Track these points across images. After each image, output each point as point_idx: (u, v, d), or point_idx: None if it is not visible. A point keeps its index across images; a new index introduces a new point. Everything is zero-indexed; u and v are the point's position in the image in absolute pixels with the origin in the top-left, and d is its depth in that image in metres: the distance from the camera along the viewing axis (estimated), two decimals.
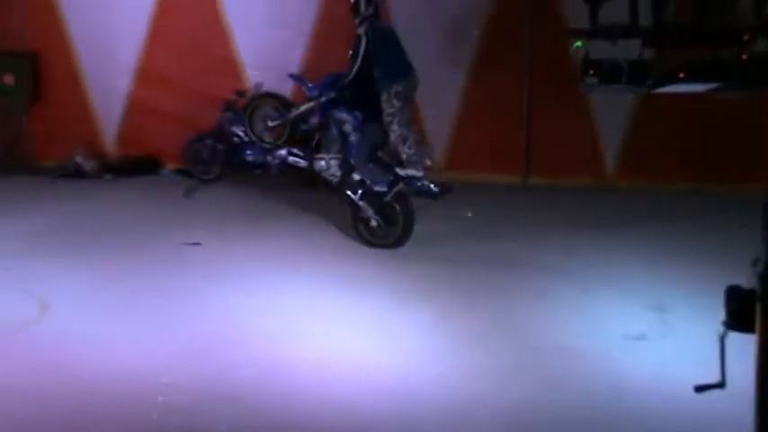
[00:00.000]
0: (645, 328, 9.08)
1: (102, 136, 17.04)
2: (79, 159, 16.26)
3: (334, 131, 12.41)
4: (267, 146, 13.25)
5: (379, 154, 12.09)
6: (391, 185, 11.71)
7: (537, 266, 11.10)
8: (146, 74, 16.86)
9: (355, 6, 12.11)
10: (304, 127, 13.06)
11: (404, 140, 11.83)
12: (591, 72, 6.07)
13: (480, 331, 8.99)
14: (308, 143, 12.89)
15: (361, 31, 12.03)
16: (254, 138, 13.40)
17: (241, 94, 15.56)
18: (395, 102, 11.79)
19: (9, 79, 16.62)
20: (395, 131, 11.87)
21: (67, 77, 16.95)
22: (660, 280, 10.44)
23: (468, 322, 9.25)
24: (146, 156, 16.65)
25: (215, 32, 16.53)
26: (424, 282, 10.46)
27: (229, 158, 15.33)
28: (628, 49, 6.17)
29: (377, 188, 11.79)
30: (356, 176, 12.03)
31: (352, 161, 12.20)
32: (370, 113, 12.13)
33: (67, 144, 16.56)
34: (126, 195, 15.02)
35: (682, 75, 5.79)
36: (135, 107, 16.93)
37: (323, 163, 12.47)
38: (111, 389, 7.53)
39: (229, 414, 7.08)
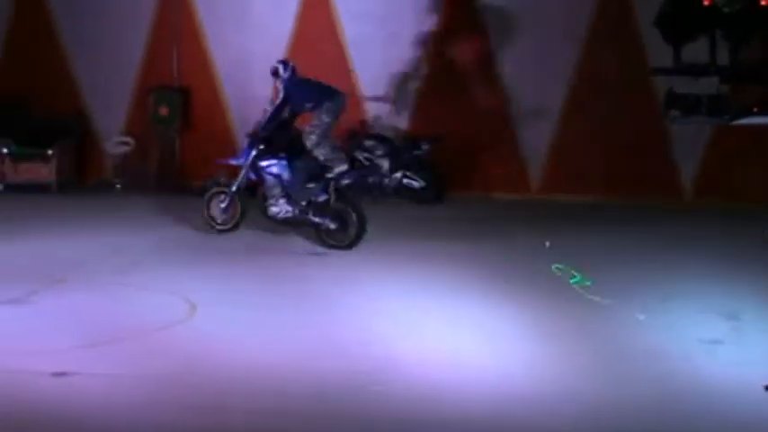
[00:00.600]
0: (719, 334, 8.87)
1: None
2: (223, 179, 16.41)
3: (270, 179, 12.54)
4: (220, 228, 12.91)
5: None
6: (327, 189, 12.21)
7: (620, 275, 10.90)
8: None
9: (275, 71, 12.76)
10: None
11: (317, 146, 12.30)
12: (674, 106, 5.98)
13: (569, 333, 8.87)
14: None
15: (279, 86, 12.62)
16: (210, 222, 13.02)
17: (362, 123, 15.68)
18: (324, 117, 12.39)
19: (164, 110, 16.91)
20: (311, 140, 12.33)
21: (213, 108, 17.18)
22: (732, 291, 10.20)
23: (558, 325, 9.12)
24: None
25: (340, 67, 16.62)
26: (517, 287, 10.34)
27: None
28: (706, 85, 6.07)
29: (320, 199, 12.25)
30: (302, 203, 12.36)
31: (293, 194, 12.41)
32: (296, 151, 12.48)
33: (212, 167, 16.76)
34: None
35: (755, 108, 5.68)
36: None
37: (275, 209, 12.53)
38: (251, 379, 7.56)
39: (358, 404, 7.05)
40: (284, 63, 12.97)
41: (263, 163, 12.55)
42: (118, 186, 16.66)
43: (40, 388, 7.18)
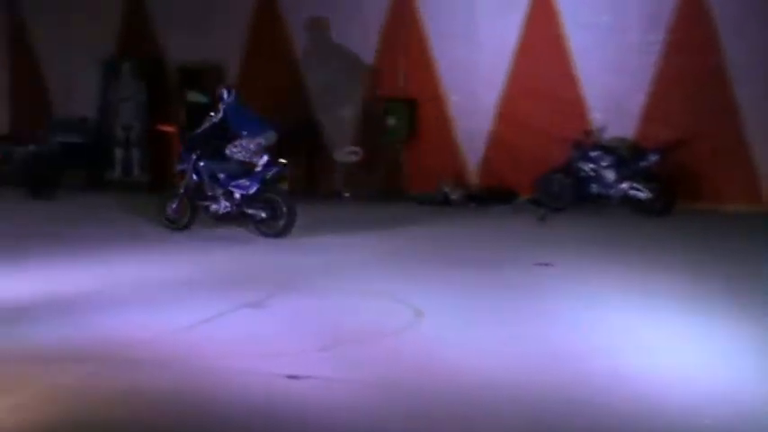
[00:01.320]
0: None
1: (466, 169, 17.26)
2: (446, 189, 16.52)
3: (209, 179, 13.58)
4: (172, 227, 13.75)
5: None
6: (258, 181, 13.26)
7: None
8: (504, 115, 16.97)
9: (221, 96, 13.75)
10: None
11: (237, 155, 13.49)
12: None
13: None
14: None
15: (220, 107, 13.69)
16: (164, 223, 13.85)
17: (588, 134, 15.44)
18: (251, 146, 13.52)
19: (392, 121, 17.13)
20: (232, 153, 13.55)
21: (438, 119, 17.28)
22: None
23: None
24: (503, 187, 16.73)
25: (565, 77, 16.44)
26: (753, 304, 9.92)
27: (576, 191, 15.22)
28: None
29: (252, 191, 13.32)
30: (237, 197, 13.37)
31: (229, 190, 13.44)
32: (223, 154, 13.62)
33: (436, 176, 16.88)
34: (486, 220, 15.12)
35: None
36: (494, 144, 17.06)
37: (215, 206, 13.56)
38: (472, 386, 7.51)
39: (580, 417, 6.92)
40: (228, 89, 13.95)
41: (202, 164, 13.58)
42: (346, 195, 16.96)
43: (275, 390, 7.31)
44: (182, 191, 13.78)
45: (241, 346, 8.47)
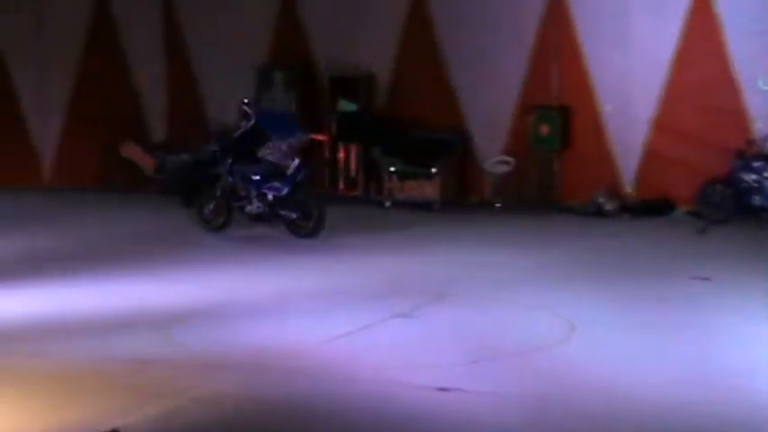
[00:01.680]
0: None
1: (620, 180, 17.03)
2: (601, 200, 16.34)
3: (244, 181, 14.04)
4: (208, 227, 14.27)
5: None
6: (288, 184, 13.78)
7: None
8: (660, 123, 16.70)
9: (245, 114, 14.35)
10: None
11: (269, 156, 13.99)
12: None
13: None
14: None
15: (249, 111, 14.39)
16: (201, 224, 14.34)
17: (750, 143, 15.10)
18: (282, 147, 14.13)
19: (545, 129, 17.00)
20: (265, 154, 14.05)
21: (592, 129, 17.09)
22: None
23: None
24: (660, 198, 16.45)
25: (725, 85, 16.08)
26: None
27: (738, 203, 14.90)
28: None
29: (284, 193, 13.83)
30: (269, 198, 13.88)
31: (263, 192, 13.94)
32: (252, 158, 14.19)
33: (590, 186, 16.70)
34: (641, 232, 14.91)
35: None
36: (650, 154, 16.78)
37: (249, 207, 14.05)
38: (624, 403, 7.42)
39: None
40: (248, 103, 14.66)
41: (237, 167, 14.11)
42: (497, 205, 16.93)
43: (425, 402, 7.37)
44: (218, 193, 14.29)
45: (392, 356, 8.57)
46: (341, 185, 17.75)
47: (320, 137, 17.26)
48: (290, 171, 13.95)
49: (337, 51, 18.26)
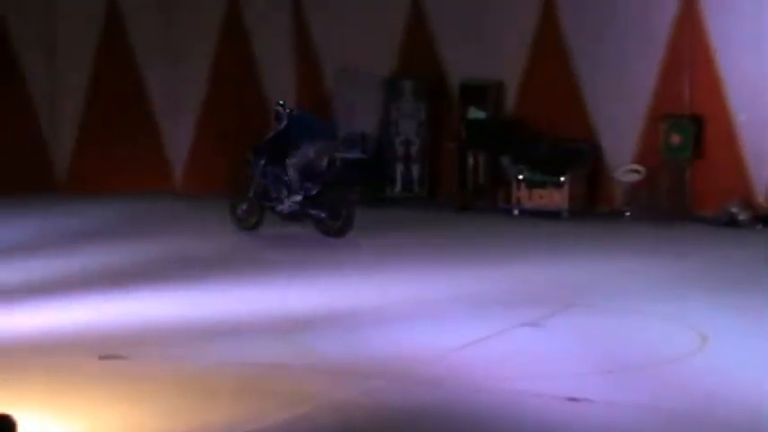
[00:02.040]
0: None
1: (754, 190, 16.74)
2: (734, 210, 16.09)
3: (276, 181, 14.56)
4: (241, 226, 14.81)
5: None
6: (319, 183, 14.26)
7: None
8: None
9: (278, 115, 14.92)
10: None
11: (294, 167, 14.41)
12: None
13: None
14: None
15: (283, 113, 14.83)
16: (234, 223, 14.86)
17: None
18: (310, 153, 14.51)
19: (676, 139, 16.81)
20: (292, 162, 14.42)
21: (725, 137, 16.83)
22: None
23: None
24: None
25: None
26: None
27: None
28: None
29: (314, 192, 14.28)
30: (299, 197, 14.30)
31: (295, 191, 14.36)
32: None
33: (722, 196, 16.45)
34: None
35: None
36: None
37: (281, 206, 14.52)
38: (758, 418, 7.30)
39: None
40: (283, 105, 15.11)
41: (269, 168, 14.62)
42: (627, 214, 16.78)
43: (554, 412, 7.39)
44: (251, 194, 14.82)
45: (520, 365, 8.61)
46: (469, 193, 17.77)
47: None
48: (320, 171, 14.47)
49: (468, 59, 18.32)
